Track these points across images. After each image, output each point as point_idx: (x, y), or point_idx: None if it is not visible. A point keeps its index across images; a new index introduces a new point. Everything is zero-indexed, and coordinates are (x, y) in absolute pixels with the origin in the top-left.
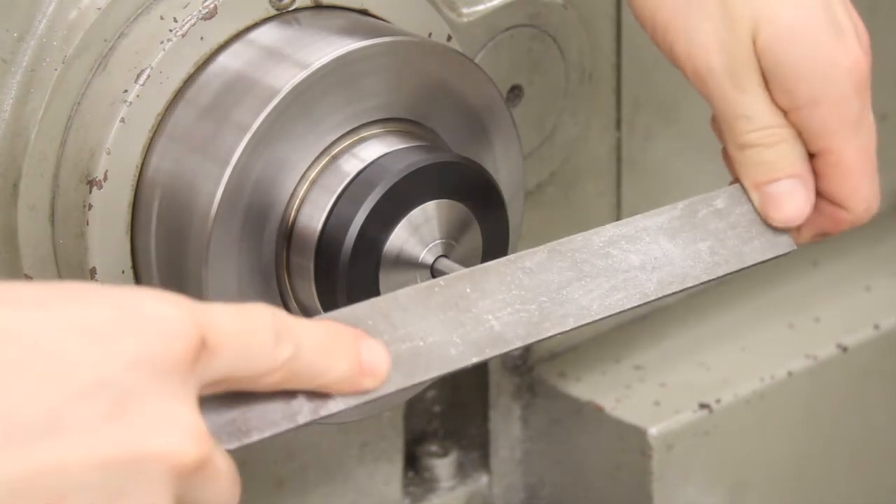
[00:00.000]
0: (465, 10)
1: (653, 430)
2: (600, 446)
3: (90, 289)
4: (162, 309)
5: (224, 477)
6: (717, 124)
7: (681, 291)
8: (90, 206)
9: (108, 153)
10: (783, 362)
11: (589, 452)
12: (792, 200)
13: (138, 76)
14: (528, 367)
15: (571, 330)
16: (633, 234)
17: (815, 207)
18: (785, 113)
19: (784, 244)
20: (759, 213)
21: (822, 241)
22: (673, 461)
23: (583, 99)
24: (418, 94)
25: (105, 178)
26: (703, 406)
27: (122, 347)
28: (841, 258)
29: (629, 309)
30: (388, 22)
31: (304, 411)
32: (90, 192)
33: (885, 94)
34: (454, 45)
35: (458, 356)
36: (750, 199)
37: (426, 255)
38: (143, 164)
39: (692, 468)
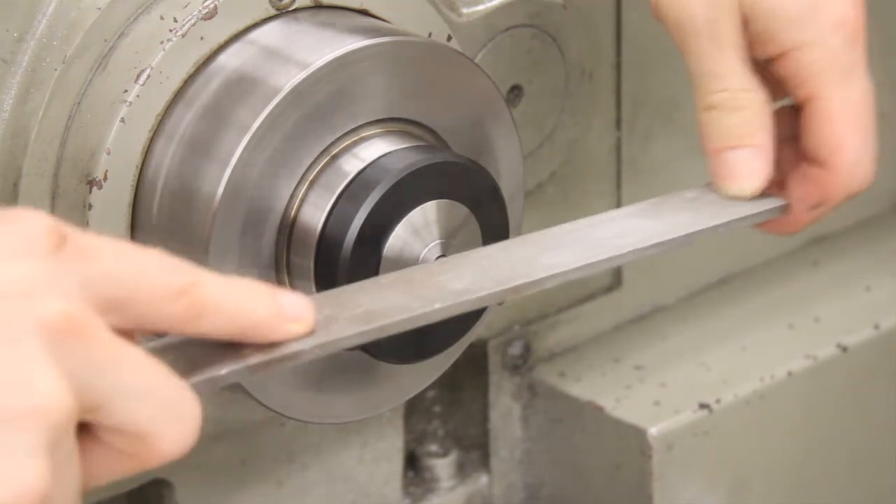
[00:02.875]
0: (465, 10)
1: (653, 430)
2: (600, 446)
3: None
4: (11, 212)
5: (122, 355)
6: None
7: (663, 247)
8: (90, 206)
9: (108, 153)
10: (783, 362)
11: (589, 452)
12: (746, 170)
13: (138, 76)
14: (528, 367)
15: (545, 281)
16: (596, 221)
17: (802, 173)
18: (770, 63)
19: (773, 204)
20: (714, 182)
21: (818, 219)
22: (673, 461)
23: (583, 99)
24: (418, 94)
25: (105, 178)
26: (703, 406)
27: None
28: (841, 258)
29: (604, 261)
30: (388, 22)
31: (253, 356)
32: (90, 192)
33: (885, 94)
34: (454, 45)
35: (419, 307)
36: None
37: (426, 255)
38: (143, 164)
39: (692, 468)
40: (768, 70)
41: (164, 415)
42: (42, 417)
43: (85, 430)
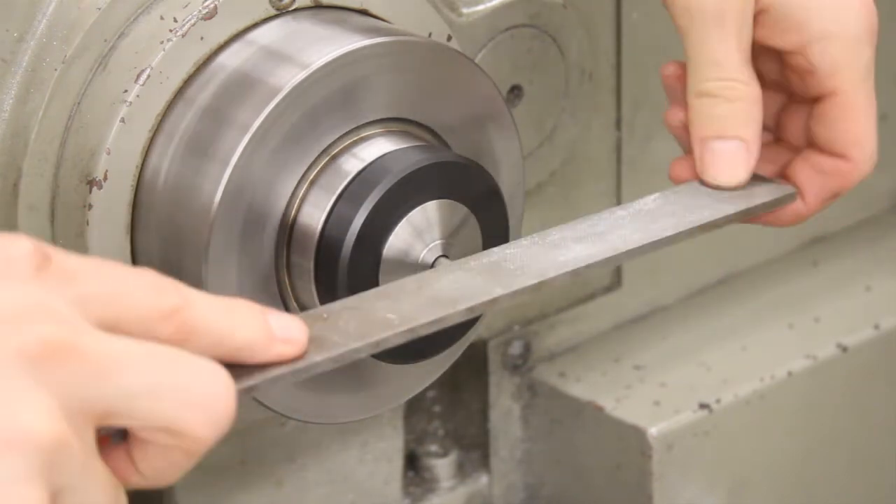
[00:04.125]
0: (465, 10)
1: (653, 430)
2: (600, 446)
3: None
4: None
5: (116, 361)
6: (672, 81)
7: (679, 237)
8: (90, 206)
9: (108, 153)
10: (783, 362)
11: (589, 452)
12: (732, 163)
13: (138, 76)
14: (529, 367)
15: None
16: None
17: (817, 167)
18: (789, 55)
19: (783, 191)
20: (696, 169)
21: (828, 205)
22: (673, 461)
23: (583, 99)
24: (418, 94)
25: (105, 178)
26: (703, 406)
27: None
28: (841, 258)
29: (637, 249)
30: (388, 22)
31: (241, 379)
32: (90, 192)
33: (885, 94)
34: (454, 45)
35: (410, 318)
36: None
37: (426, 255)
38: (143, 164)
39: (692, 468)
40: (774, 62)
41: (181, 401)
42: (29, 444)
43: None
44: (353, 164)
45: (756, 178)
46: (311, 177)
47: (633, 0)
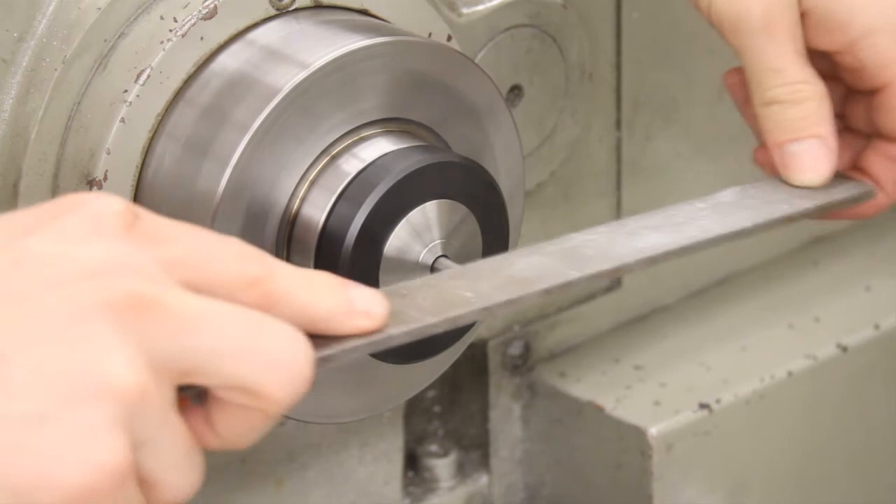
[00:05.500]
0: (465, 10)
1: (653, 430)
2: (600, 446)
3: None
4: (85, 195)
5: (199, 320)
6: (737, 88)
7: (767, 226)
8: None
9: (108, 153)
10: (783, 362)
11: (589, 452)
12: (813, 161)
13: (138, 76)
14: (528, 367)
15: (629, 267)
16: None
17: (888, 156)
18: (837, 55)
19: (861, 188)
20: (779, 173)
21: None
22: (673, 461)
23: (583, 99)
24: (418, 94)
25: (105, 178)
26: (703, 406)
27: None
28: (841, 258)
29: (710, 240)
30: (388, 22)
31: (319, 349)
32: (90, 191)
33: None
34: (454, 45)
35: (487, 297)
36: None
37: (426, 255)
38: (143, 164)
39: (692, 468)
40: (825, 62)
41: (260, 362)
42: (113, 394)
43: (209, 392)
44: (353, 164)
45: (836, 176)
46: (312, 177)
47: (633, 0)
